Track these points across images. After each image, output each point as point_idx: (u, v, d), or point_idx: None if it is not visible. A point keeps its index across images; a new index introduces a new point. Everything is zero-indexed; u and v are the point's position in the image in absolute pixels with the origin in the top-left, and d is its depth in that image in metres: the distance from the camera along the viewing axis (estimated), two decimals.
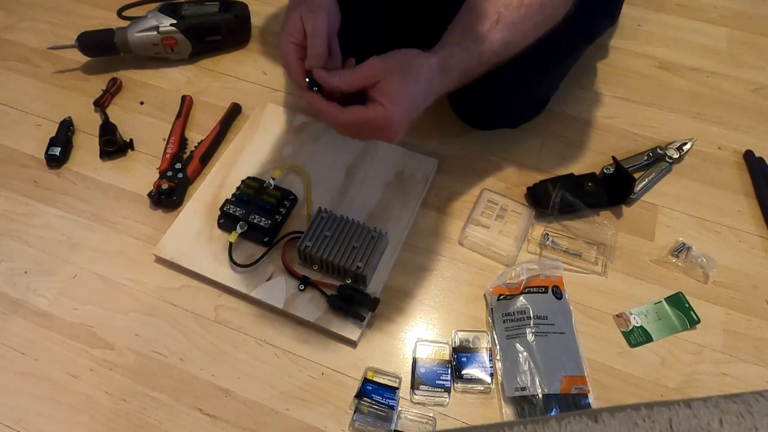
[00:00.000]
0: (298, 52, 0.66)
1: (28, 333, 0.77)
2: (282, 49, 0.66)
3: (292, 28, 0.65)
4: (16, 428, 0.70)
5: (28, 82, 1.04)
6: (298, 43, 0.65)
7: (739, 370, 0.74)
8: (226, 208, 0.83)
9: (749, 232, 0.86)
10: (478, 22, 0.69)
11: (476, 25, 0.69)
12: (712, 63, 1.07)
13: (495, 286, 0.78)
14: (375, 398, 0.70)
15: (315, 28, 0.64)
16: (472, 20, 0.69)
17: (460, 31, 0.69)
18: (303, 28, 0.65)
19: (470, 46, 0.68)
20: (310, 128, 0.94)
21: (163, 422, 0.70)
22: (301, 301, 0.77)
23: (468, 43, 0.68)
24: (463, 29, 0.69)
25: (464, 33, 0.69)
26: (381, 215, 0.85)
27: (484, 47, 0.69)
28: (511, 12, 0.69)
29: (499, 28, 0.69)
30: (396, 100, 0.62)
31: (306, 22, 0.65)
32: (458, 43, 0.68)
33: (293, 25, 0.65)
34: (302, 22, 0.65)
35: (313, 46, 0.64)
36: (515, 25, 0.69)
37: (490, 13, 0.69)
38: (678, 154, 0.92)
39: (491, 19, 0.69)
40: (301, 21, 0.65)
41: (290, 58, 0.66)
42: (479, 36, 0.68)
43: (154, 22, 1.00)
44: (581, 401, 0.70)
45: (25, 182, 0.91)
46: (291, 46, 0.66)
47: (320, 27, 0.64)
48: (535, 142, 0.95)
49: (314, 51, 0.64)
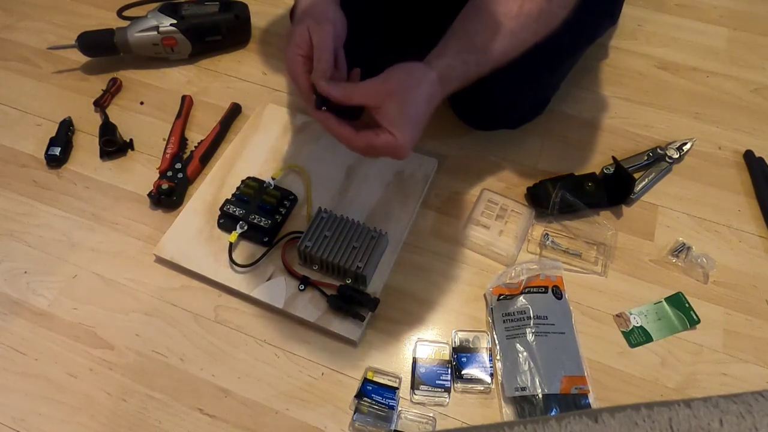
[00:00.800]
0: (306, 64, 0.66)
1: (28, 333, 0.77)
2: (289, 61, 0.66)
3: (299, 40, 0.65)
4: (16, 428, 0.70)
5: (28, 82, 1.04)
6: (305, 54, 0.65)
7: (739, 370, 0.74)
8: (226, 208, 0.83)
9: (749, 232, 0.86)
10: (477, 31, 0.68)
11: (475, 34, 0.68)
12: (712, 63, 1.07)
13: (495, 286, 0.78)
14: (375, 398, 0.70)
15: (321, 42, 0.64)
16: (472, 29, 0.69)
17: (459, 39, 0.69)
18: (310, 40, 0.65)
19: (469, 58, 0.68)
20: (310, 128, 0.94)
21: (163, 422, 0.70)
22: (301, 301, 0.77)
23: (467, 54, 0.68)
24: (461, 38, 0.69)
25: (463, 42, 0.68)
26: (381, 215, 0.85)
27: (482, 57, 0.68)
28: (510, 21, 0.68)
29: (498, 38, 0.68)
30: (402, 126, 0.63)
31: (313, 34, 0.65)
32: (458, 54, 0.67)
33: (300, 36, 0.65)
34: (309, 33, 0.65)
35: (320, 60, 0.64)
36: (514, 34, 0.69)
37: (490, 22, 0.68)
38: (678, 154, 0.92)
39: (490, 29, 0.68)
40: (308, 33, 0.65)
41: (298, 70, 0.66)
42: (478, 46, 0.68)
43: (154, 22, 1.00)
44: (581, 401, 0.70)
45: (25, 182, 0.91)
46: (298, 58, 0.66)
47: (327, 40, 0.64)
48: (535, 142, 0.95)
49: (320, 65, 0.64)
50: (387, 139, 0.64)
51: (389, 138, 0.63)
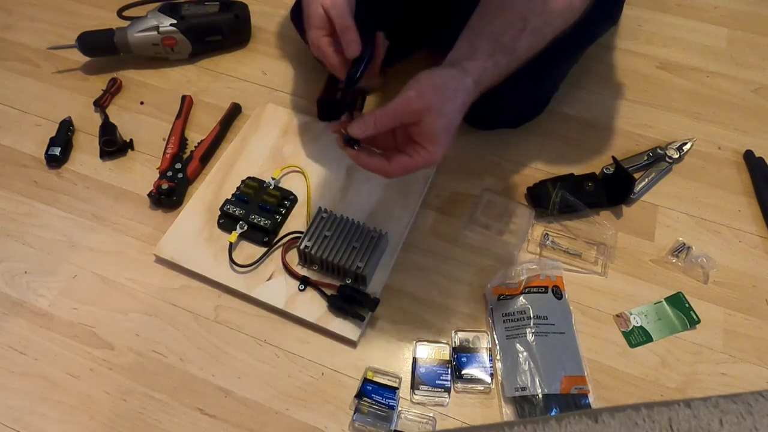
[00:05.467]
0: (333, 44, 0.65)
1: (28, 333, 0.77)
2: (315, 45, 0.65)
3: (318, 22, 0.64)
4: (16, 428, 0.70)
5: (28, 82, 1.04)
6: (329, 34, 0.65)
7: (739, 370, 0.74)
8: (226, 208, 0.83)
9: (749, 232, 0.86)
10: (505, 30, 0.66)
11: (504, 33, 0.66)
12: (712, 63, 1.07)
13: (495, 286, 0.78)
14: (375, 398, 0.70)
15: (340, 17, 0.63)
16: (500, 27, 0.66)
17: (489, 40, 0.66)
18: (327, 18, 0.64)
19: (501, 60, 0.66)
20: (310, 128, 0.94)
21: (163, 422, 0.70)
22: (301, 301, 0.77)
23: (499, 56, 0.66)
24: (492, 38, 0.66)
25: (494, 43, 0.66)
26: (381, 215, 0.85)
27: (512, 57, 0.67)
28: (535, 18, 0.67)
29: (524, 36, 0.66)
30: (438, 140, 0.61)
31: (330, 11, 0.64)
32: (489, 57, 0.65)
33: (318, 18, 0.64)
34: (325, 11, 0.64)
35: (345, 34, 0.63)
36: (538, 30, 0.67)
37: (517, 20, 0.66)
38: (678, 154, 0.92)
39: (518, 26, 0.66)
40: (324, 11, 0.64)
41: (327, 52, 0.65)
42: (508, 46, 0.66)
43: (154, 22, 1.00)
44: (581, 401, 0.70)
45: (25, 182, 0.91)
46: (324, 39, 0.65)
47: (345, 14, 0.63)
48: (535, 142, 0.95)
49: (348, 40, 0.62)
50: (423, 157, 0.62)
51: (426, 156, 0.62)
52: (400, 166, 0.63)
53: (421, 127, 0.61)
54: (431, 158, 0.62)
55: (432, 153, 0.62)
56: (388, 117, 0.61)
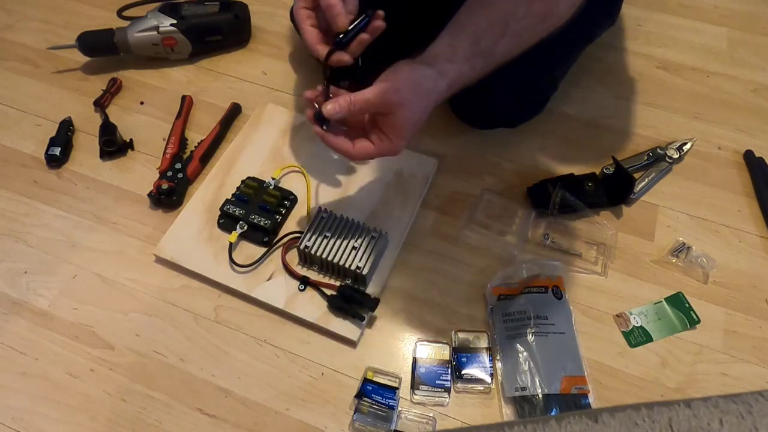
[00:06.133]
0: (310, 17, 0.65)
1: (28, 333, 0.77)
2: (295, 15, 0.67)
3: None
4: (16, 428, 0.70)
5: (28, 82, 1.04)
6: (311, 7, 0.65)
7: (739, 370, 0.74)
8: (226, 208, 0.83)
9: (749, 232, 0.86)
10: (485, 34, 0.67)
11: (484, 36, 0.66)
12: (712, 63, 1.07)
13: (495, 286, 0.78)
14: (375, 398, 0.70)
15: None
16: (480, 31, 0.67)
17: (469, 42, 0.66)
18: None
19: (477, 64, 0.66)
20: (310, 128, 0.93)
21: (163, 422, 0.70)
22: (301, 301, 0.77)
23: (476, 59, 0.66)
24: (472, 40, 0.66)
25: (474, 46, 0.66)
26: (381, 215, 0.85)
27: (489, 61, 0.67)
28: (517, 22, 0.67)
29: (504, 41, 0.67)
30: (404, 134, 0.65)
31: None
32: (468, 60, 0.66)
33: None
34: None
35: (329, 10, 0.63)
36: (519, 36, 0.67)
37: (497, 23, 0.66)
38: (678, 154, 0.92)
39: (498, 31, 0.66)
40: None
41: (303, 25, 0.66)
42: (486, 51, 0.66)
43: (154, 22, 1.00)
44: (581, 401, 0.70)
45: (25, 182, 0.91)
46: (302, 12, 0.65)
47: None
48: (535, 142, 0.95)
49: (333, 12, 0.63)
50: (386, 147, 0.65)
51: (389, 146, 0.65)
52: (364, 152, 0.66)
53: (391, 119, 0.64)
54: (393, 149, 0.65)
55: (395, 145, 0.65)
56: (362, 104, 0.63)
